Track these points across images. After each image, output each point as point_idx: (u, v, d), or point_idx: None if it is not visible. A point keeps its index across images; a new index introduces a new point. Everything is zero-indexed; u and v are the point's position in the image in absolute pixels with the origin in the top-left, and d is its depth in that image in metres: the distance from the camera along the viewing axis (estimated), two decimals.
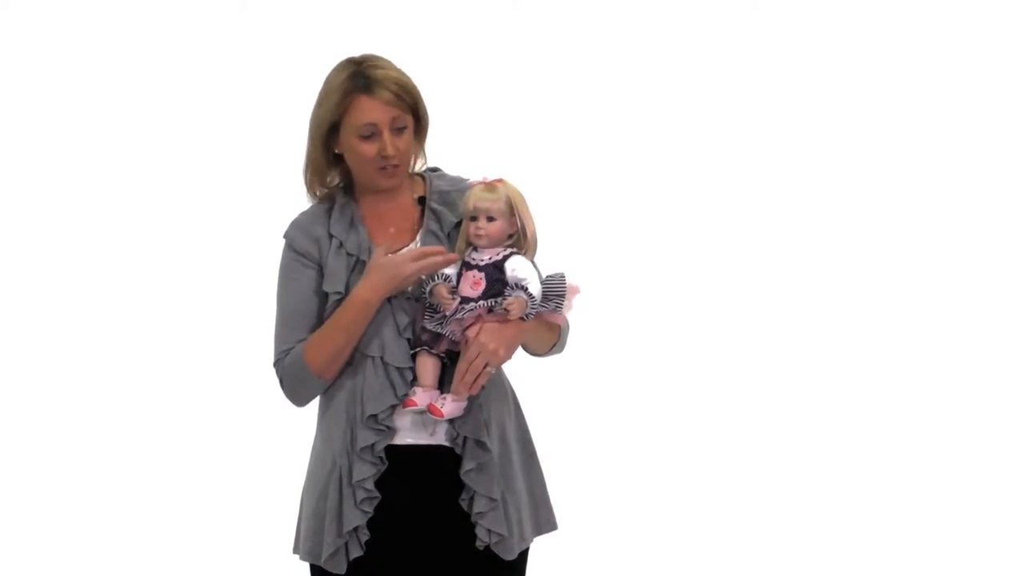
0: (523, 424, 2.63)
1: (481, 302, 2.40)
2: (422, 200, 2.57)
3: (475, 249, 2.45)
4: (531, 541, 2.59)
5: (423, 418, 2.48)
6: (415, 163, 2.58)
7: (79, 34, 4.71)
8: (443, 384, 2.47)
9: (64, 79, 4.72)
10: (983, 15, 4.76)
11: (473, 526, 2.48)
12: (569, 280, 2.46)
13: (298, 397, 2.54)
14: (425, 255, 2.43)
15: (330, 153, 2.53)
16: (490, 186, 2.43)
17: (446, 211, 2.54)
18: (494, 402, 2.53)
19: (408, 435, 2.49)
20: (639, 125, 4.78)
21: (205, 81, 4.73)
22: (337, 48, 2.75)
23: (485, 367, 2.41)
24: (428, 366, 2.45)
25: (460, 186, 2.57)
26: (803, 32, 4.79)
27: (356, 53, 2.54)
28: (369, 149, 2.47)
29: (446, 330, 2.44)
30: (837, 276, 4.78)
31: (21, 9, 4.71)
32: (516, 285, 2.40)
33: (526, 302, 2.39)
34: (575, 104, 4.78)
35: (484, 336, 2.40)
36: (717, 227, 4.80)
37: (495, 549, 2.49)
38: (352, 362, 2.49)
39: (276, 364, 2.53)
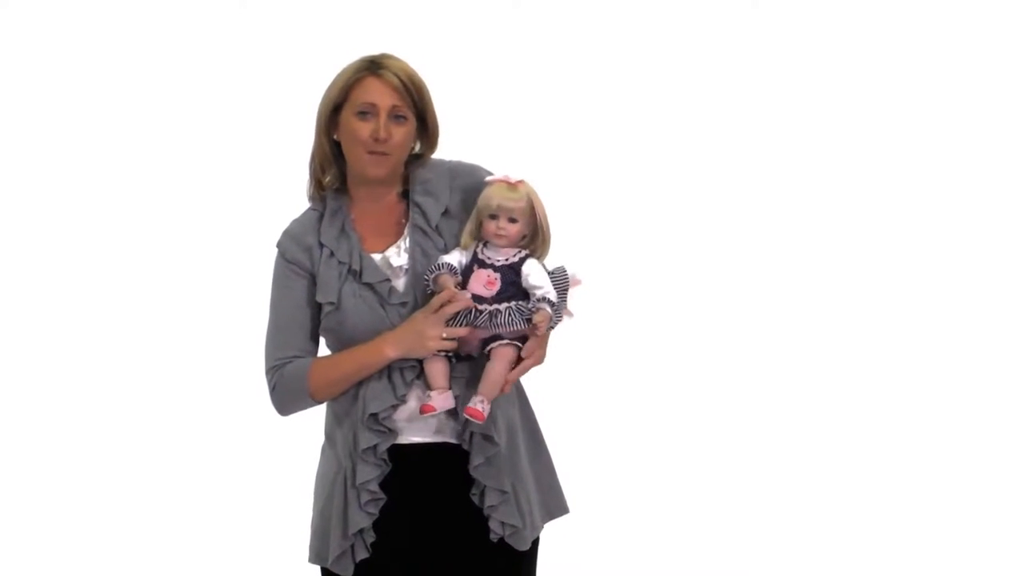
0: (529, 413, 2.63)
1: (505, 313, 2.38)
2: (406, 194, 2.55)
3: (486, 245, 2.43)
4: (542, 528, 2.60)
5: (423, 416, 2.46)
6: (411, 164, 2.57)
7: (79, 34, 4.71)
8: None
9: (64, 79, 4.72)
10: (983, 15, 4.76)
11: (485, 520, 2.48)
12: (569, 272, 2.45)
13: (285, 408, 2.55)
14: (440, 304, 2.39)
15: (331, 141, 2.52)
16: (513, 187, 2.40)
17: (430, 200, 2.52)
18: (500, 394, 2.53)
19: (413, 434, 2.49)
20: (639, 124, 4.78)
21: (205, 80, 4.72)
22: (337, 48, 2.76)
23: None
24: (439, 369, 2.44)
25: (439, 170, 2.55)
26: (803, 32, 4.79)
27: (356, 53, 2.53)
28: (363, 128, 2.45)
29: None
30: (838, 273, 4.78)
31: (21, 9, 4.71)
32: (541, 298, 2.37)
33: (551, 316, 2.38)
34: (575, 103, 4.78)
35: (541, 350, 2.45)
36: (718, 224, 4.80)
37: (509, 541, 2.49)
38: None
39: (271, 371, 2.52)
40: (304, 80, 3.18)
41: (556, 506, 2.63)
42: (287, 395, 2.51)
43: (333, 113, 2.50)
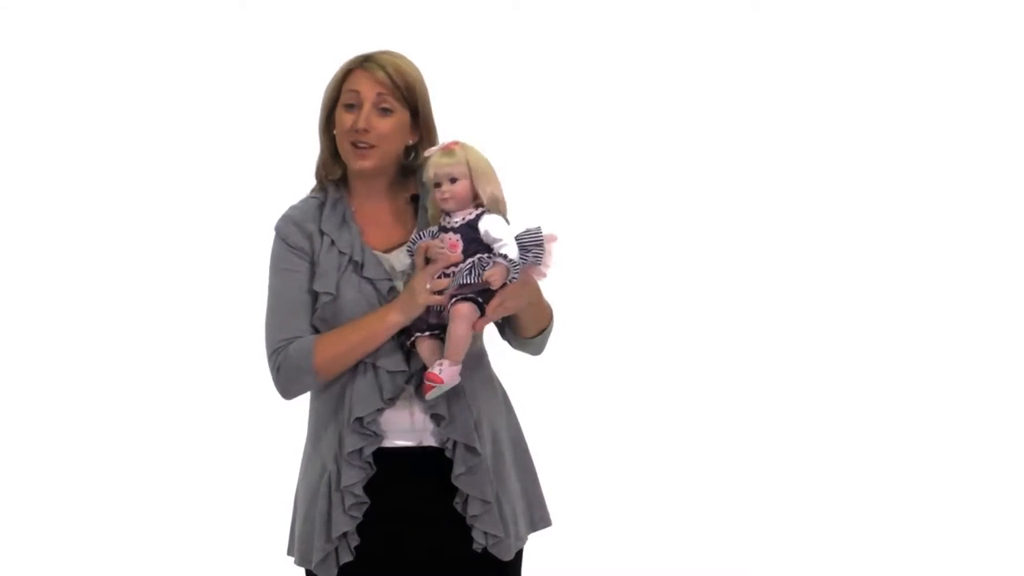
0: (515, 422, 2.62)
1: (465, 271, 2.36)
2: (416, 198, 2.56)
3: (448, 214, 2.41)
4: (526, 539, 2.59)
5: (412, 420, 2.47)
6: (411, 159, 2.56)
7: (79, 34, 4.72)
8: None
9: (64, 79, 4.73)
10: (983, 15, 4.75)
11: (469, 528, 2.47)
12: (545, 231, 2.42)
13: (290, 390, 2.50)
14: (423, 260, 2.39)
15: (332, 140, 2.52)
16: (447, 150, 2.39)
17: None
18: (484, 402, 2.52)
19: (397, 438, 2.48)
20: (640, 125, 4.78)
21: (205, 80, 4.73)
22: (337, 47, 2.75)
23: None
24: (428, 347, 2.42)
25: None
26: (803, 32, 4.79)
27: (356, 53, 2.53)
28: (347, 119, 2.46)
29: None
30: (833, 275, 4.77)
31: (21, 9, 4.71)
32: (497, 253, 2.35)
33: (507, 269, 2.36)
34: (576, 104, 4.78)
35: (513, 300, 2.40)
36: (714, 226, 4.80)
37: (492, 551, 2.49)
38: None
39: (275, 353, 2.48)
40: (304, 81, 3.18)
41: (540, 518, 2.62)
42: (292, 375, 2.46)
43: (331, 112, 2.51)
